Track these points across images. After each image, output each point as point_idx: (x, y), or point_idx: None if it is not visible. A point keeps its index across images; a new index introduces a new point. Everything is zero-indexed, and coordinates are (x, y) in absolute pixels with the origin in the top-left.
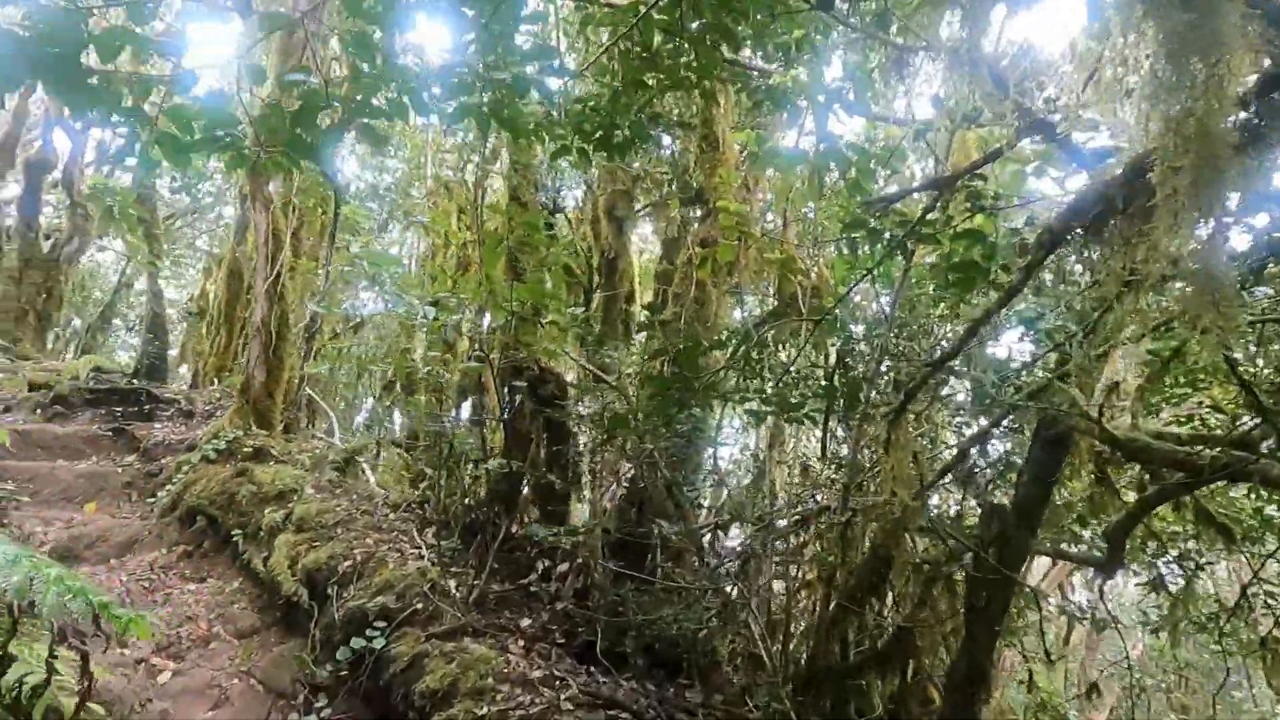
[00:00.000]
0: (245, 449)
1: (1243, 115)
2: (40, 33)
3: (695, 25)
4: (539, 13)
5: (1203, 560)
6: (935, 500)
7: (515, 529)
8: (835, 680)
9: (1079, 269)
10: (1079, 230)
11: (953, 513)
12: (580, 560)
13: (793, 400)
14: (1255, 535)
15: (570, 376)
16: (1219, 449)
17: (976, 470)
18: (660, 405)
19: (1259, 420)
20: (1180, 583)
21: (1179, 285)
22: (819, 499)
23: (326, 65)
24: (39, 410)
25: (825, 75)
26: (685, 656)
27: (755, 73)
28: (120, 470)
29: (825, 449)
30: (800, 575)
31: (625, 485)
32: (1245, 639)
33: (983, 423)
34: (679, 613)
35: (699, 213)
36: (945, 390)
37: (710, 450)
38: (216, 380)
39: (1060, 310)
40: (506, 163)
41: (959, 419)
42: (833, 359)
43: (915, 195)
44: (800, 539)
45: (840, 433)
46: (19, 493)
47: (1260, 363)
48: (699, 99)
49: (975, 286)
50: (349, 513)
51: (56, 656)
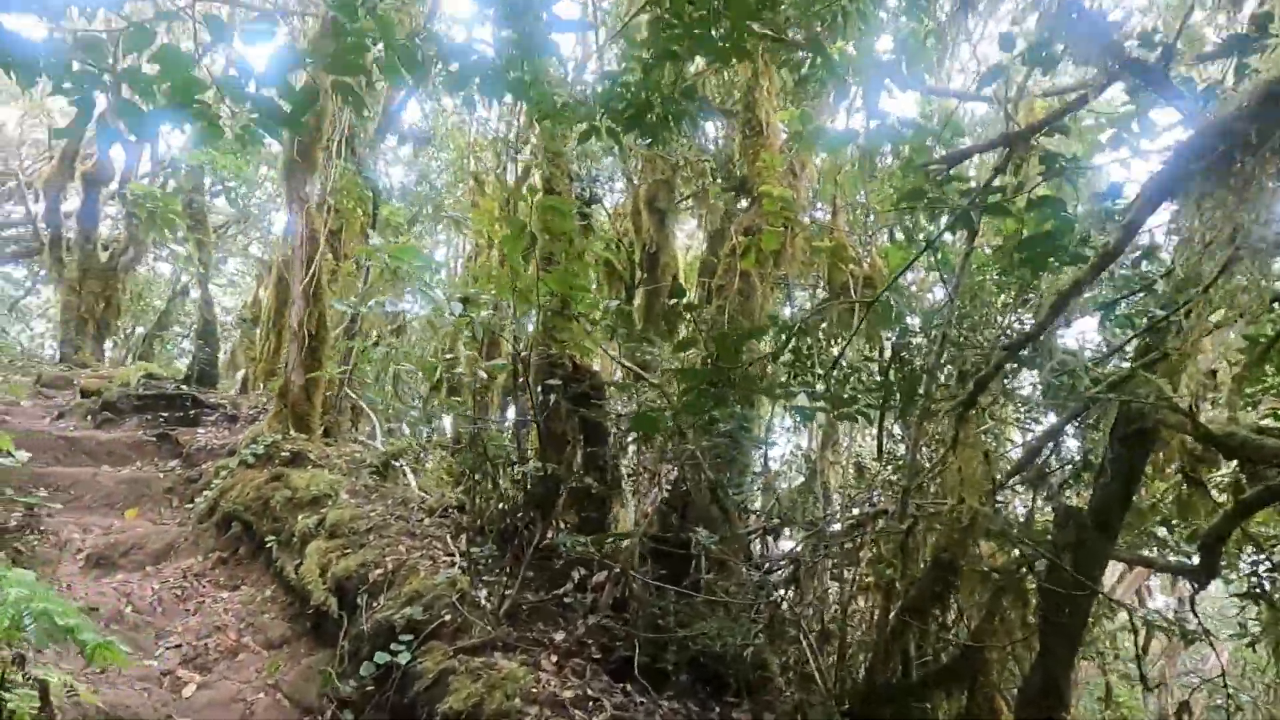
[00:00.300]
0: (282, 453)
1: None
2: None
3: None
4: None
5: None
6: (1000, 501)
7: (550, 535)
8: (896, 697)
9: (1168, 238)
10: (1196, 174)
11: (1021, 516)
12: (618, 569)
13: (844, 396)
14: None
15: (617, 374)
16: None
17: (1048, 470)
18: (695, 401)
19: None
20: None
21: None
22: (875, 502)
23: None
24: (89, 416)
25: (874, 47)
26: (732, 672)
27: (799, 50)
28: (162, 476)
29: (881, 448)
30: (855, 583)
31: (667, 488)
32: None
33: (1052, 418)
34: (724, 625)
35: (744, 202)
36: (1011, 384)
37: (759, 450)
38: (264, 385)
39: (1140, 294)
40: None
41: (1027, 414)
42: (887, 352)
43: (981, 156)
44: (856, 543)
45: (897, 431)
46: (59, 499)
47: None
48: (740, 78)
49: (1049, 266)
50: (383, 518)
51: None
